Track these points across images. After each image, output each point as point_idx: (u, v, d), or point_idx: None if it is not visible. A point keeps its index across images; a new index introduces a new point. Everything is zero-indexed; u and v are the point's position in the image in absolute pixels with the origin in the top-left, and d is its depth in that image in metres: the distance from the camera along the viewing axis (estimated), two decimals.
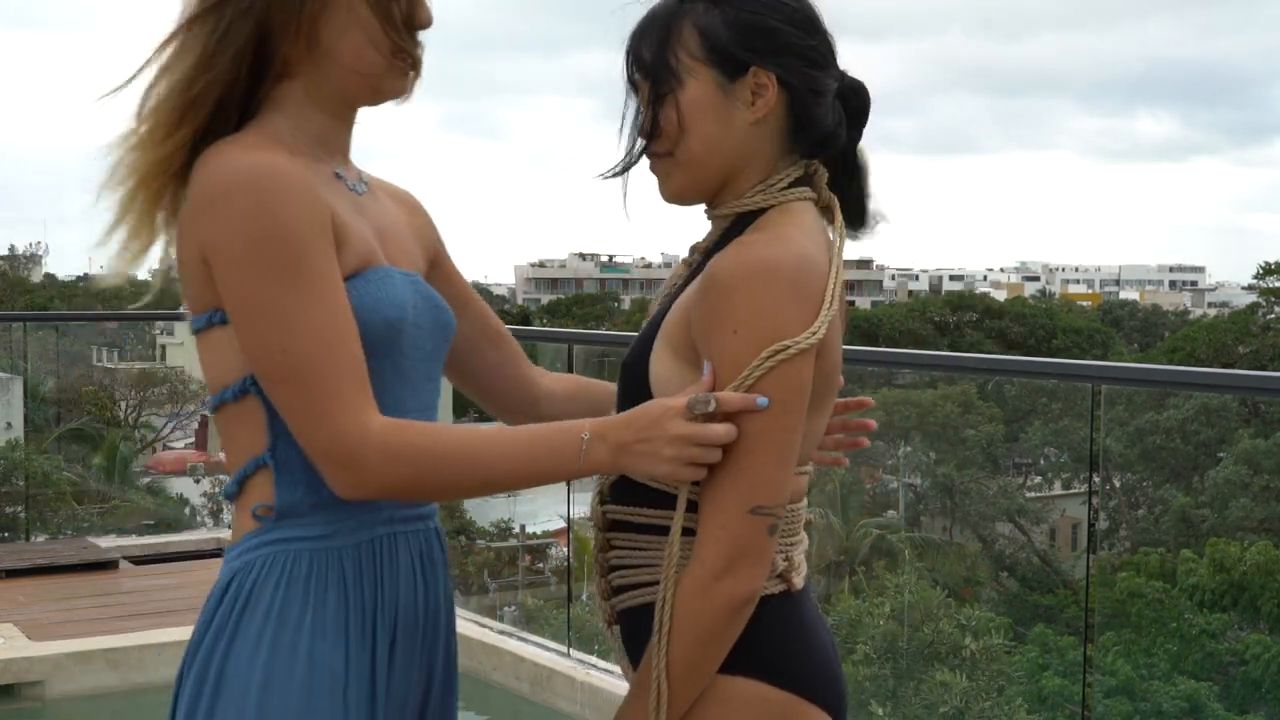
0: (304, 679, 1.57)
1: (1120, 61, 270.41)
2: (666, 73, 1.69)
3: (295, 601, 1.58)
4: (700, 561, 1.57)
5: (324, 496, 1.58)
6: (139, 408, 26.37)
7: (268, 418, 1.58)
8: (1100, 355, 35.61)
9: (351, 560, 1.62)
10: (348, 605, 1.61)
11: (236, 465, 1.62)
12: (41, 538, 9.57)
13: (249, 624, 1.58)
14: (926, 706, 9.65)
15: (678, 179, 1.72)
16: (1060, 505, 23.85)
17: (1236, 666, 15.32)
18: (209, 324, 1.58)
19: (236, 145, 1.55)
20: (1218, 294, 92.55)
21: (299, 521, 1.60)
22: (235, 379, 1.58)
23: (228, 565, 1.63)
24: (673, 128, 1.69)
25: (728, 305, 1.58)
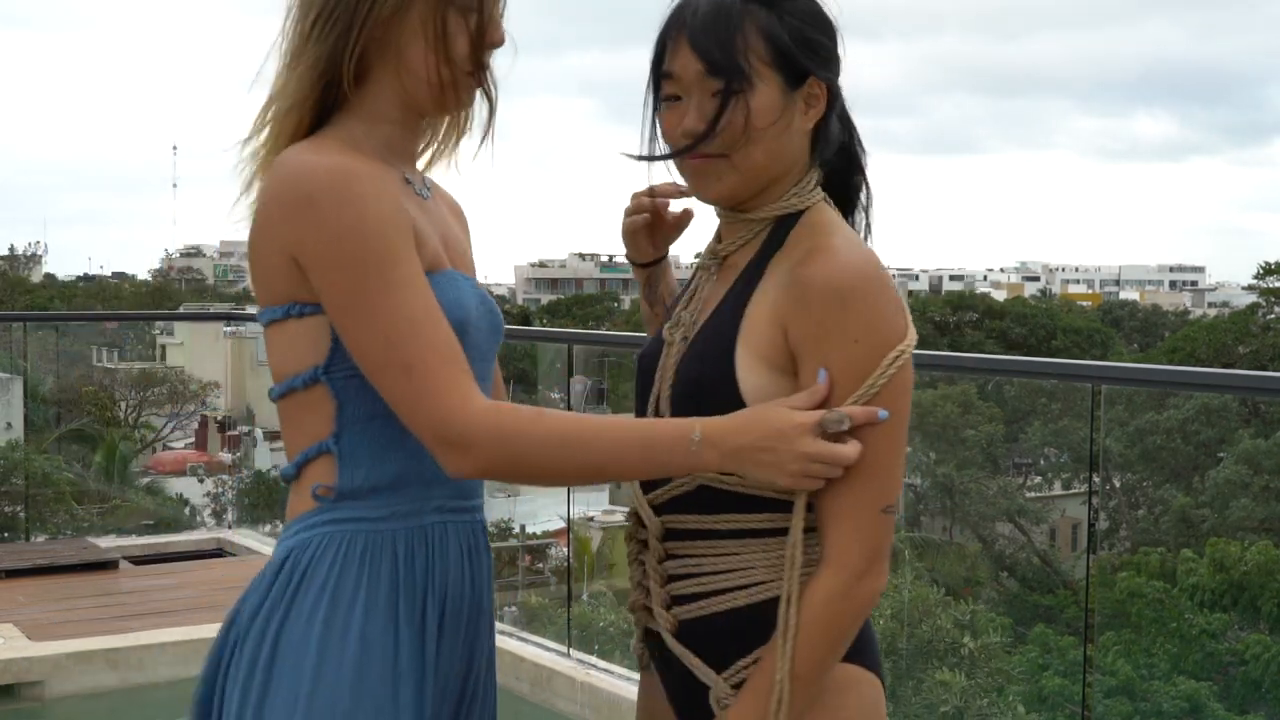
0: (356, 656, 1.64)
1: (1119, 62, 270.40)
2: (738, 73, 1.66)
3: (349, 579, 1.65)
4: (841, 564, 1.61)
5: (383, 481, 1.68)
6: (139, 408, 26.40)
7: (336, 406, 1.67)
8: (1100, 355, 35.60)
9: (404, 543, 1.69)
10: (398, 586, 1.67)
11: (298, 449, 1.70)
12: (41, 538, 9.57)
13: (304, 599, 1.64)
14: (926, 706, 9.65)
15: (730, 182, 1.70)
16: (1060, 505, 23.83)
17: (1236, 666, 15.32)
18: (286, 315, 1.66)
19: (315, 150, 1.63)
20: (1218, 294, 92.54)
21: (356, 503, 1.68)
22: (306, 368, 1.66)
23: (284, 543, 1.70)
24: (737, 131, 1.66)
25: (844, 314, 1.60)
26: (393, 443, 1.68)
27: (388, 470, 1.68)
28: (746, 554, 1.68)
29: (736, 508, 1.68)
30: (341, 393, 1.66)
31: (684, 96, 1.70)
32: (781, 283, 1.66)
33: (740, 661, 1.68)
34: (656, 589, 1.73)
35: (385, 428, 1.67)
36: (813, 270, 1.63)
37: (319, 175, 1.59)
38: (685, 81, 1.69)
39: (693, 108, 1.68)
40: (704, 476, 1.68)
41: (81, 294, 47.71)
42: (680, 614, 1.71)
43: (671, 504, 1.72)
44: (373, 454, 1.67)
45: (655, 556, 1.73)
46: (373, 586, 1.66)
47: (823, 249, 1.66)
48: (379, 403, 1.64)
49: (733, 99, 1.66)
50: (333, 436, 1.67)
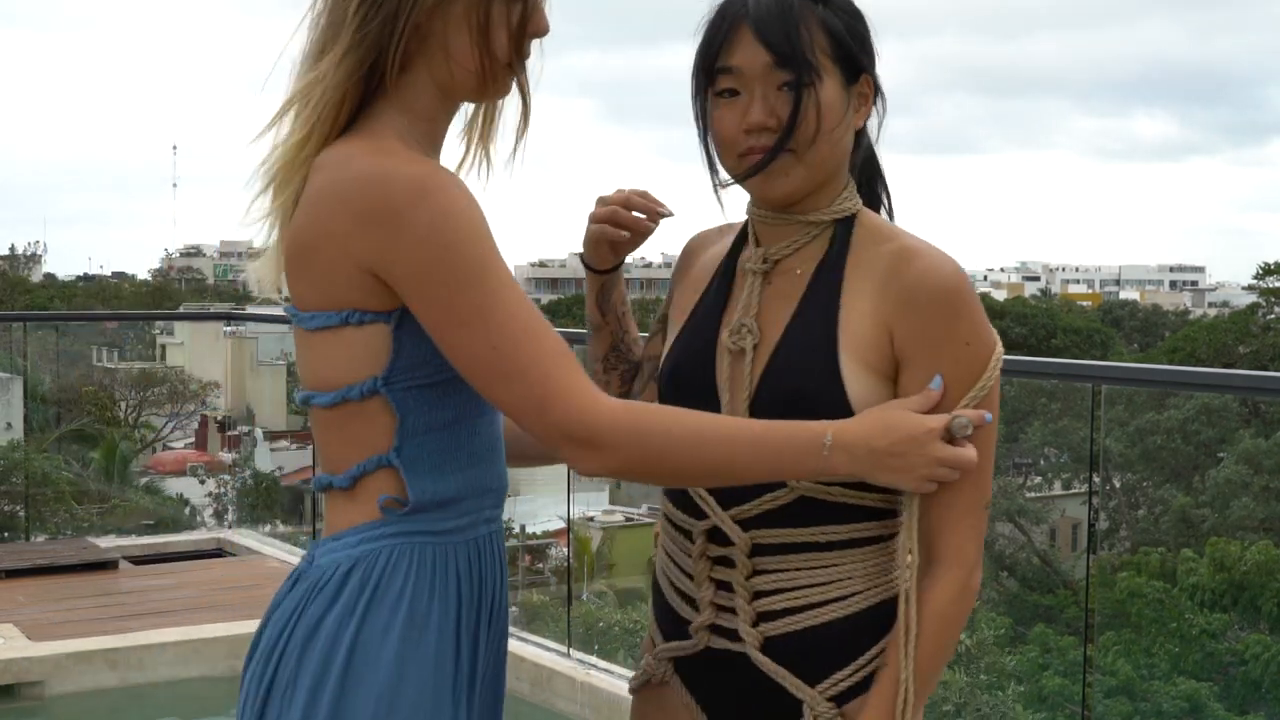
0: (432, 672, 1.62)
1: (1118, 62, 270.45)
2: (808, 66, 1.64)
3: (424, 594, 1.63)
4: (960, 562, 1.64)
5: (446, 494, 1.65)
6: (139, 408, 26.39)
7: (399, 418, 1.62)
8: (1100, 355, 35.57)
9: (465, 556, 1.67)
10: (462, 601, 1.66)
11: (351, 460, 1.64)
12: (41, 538, 9.57)
13: (378, 610, 1.60)
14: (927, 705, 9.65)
15: (798, 178, 1.67)
16: (1060, 505, 23.81)
17: (1236, 666, 15.31)
18: (343, 323, 1.60)
19: (384, 153, 1.57)
20: (1218, 294, 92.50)
21: (425, 516, 1.64)
22: (363, 378, 1.61)
23: (343, 552, 1.64)
24: (810, 125, 1.64)
25: (955, 317, 1.62)
26: (453, 455, 1.65)
27: (450, 483, 1.65)
28: (845, 565, 1.67)
29: (835, 519, 1.66)
30: (402, 405, 1.61)
31: (743, 91, 1.66)
32: (877, 284, 1.65)
33: (838, 674, 1.67)
34: (744, 606, 1.69)
35: (445, 440, 1.64)
36: (917, 273, 1.63)
37: (402, 185, 1.53)
38: (749, 75, 1.65)
39: (757, 101, 1.65)
40: (803, 487, 1.65)
41: (81, 294, 47.69)
42: (767, 630, 1.69)
43: (762, 519, 1.68)
44: (434, 467, 1.64)
45: (743, 573, 1.69)
46: (444, 601, 1.64)
47: (915, 252, 1.66)
48: (438, 414, 1.62)
49: (806, 92, 1.63)
50: (394, 450, 1.62)
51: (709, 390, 1.72)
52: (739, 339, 1.71)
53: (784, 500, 1.67)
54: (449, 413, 1.64)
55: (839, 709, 1.67)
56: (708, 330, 1.76)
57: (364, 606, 1.60)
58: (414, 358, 1.60)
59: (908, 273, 1.64)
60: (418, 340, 1.59)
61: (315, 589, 1.63)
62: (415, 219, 1.52)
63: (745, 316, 1.72)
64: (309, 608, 1.62)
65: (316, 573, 1.64)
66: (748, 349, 1.70)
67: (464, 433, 1.66)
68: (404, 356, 1.60)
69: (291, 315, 1.66)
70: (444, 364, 1.59)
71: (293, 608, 1.64)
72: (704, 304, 1.80)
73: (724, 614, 1.71)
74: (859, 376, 1.64)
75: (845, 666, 1.67)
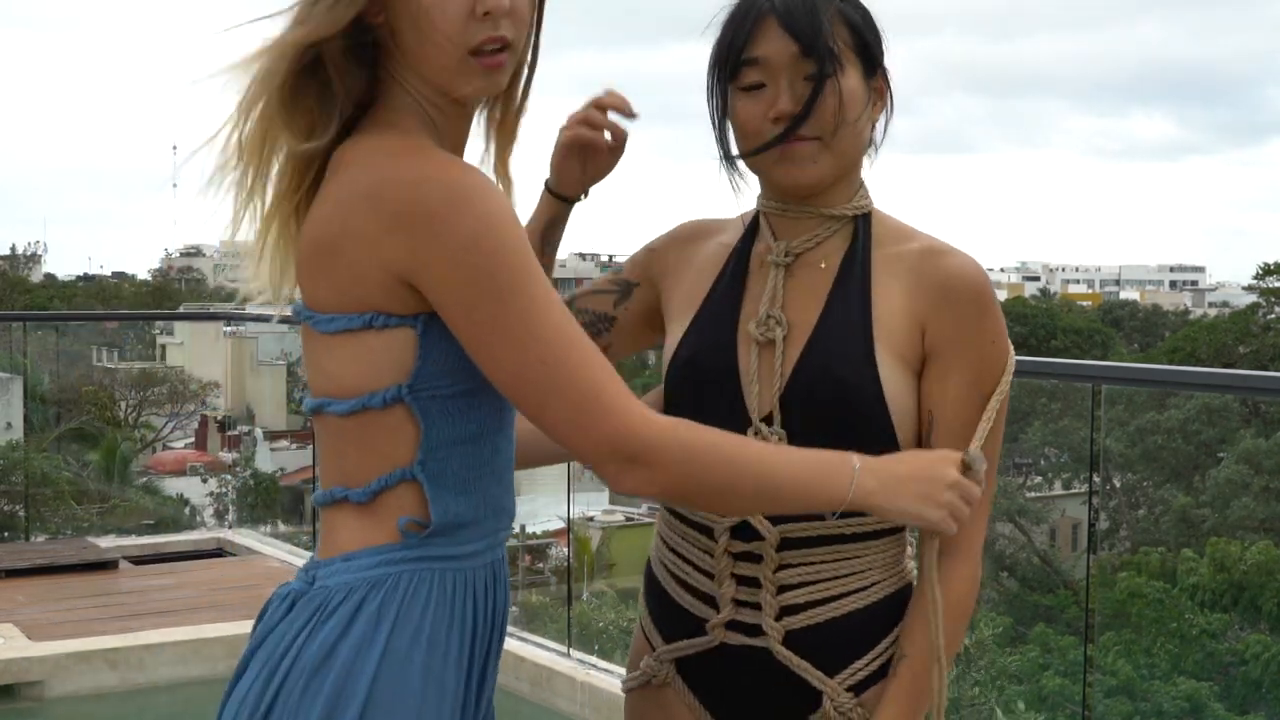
0: (451, 707, 1.54)
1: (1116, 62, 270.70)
2: (832, 55, 1.65)
3: (443, 624, 1.54)
4: (972, 553, 1.72)
5: (467, 515, 1.56)
6: (139, 408, 26.39)
7: (423, 429, 1.52)
8: (1100, 355, 35.57)
9: (480, 582, 1.59)
10: (476, 630, 1.58)
11: (372, 473, 1.54)
12: (41, 537, 9.57)
13: (398, 640, 1.51)
14: None
15: (824, 166, 1.68)
16: (1060, 505, 23.83)
17: (1237, 666, 15.31)
18: (366, 326, 1.50)
19: (414, 152, 1.49)
20: (1218, 294, 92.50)
21: (445, 540, 1.55)
22: (384, 385, 1.51)
23: (359, 574, 1.53)
24: (832, 113, 1.66)
25: (983, 316, 1.67)
26: (476, 471, 1.57)
27: (472, 502, 1.56)
28: (867, 556, 1.71)
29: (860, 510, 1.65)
30: (426, 415, 1.52)
31: (769, 83, 1.67)
32: (909, 280, 1.68)
33: (857, 664, 1.69)
34: (770, 600, 1.70)
35: (469, 455, 1.55)
36: (949, 271, 1.67)
37: (441, 189, 1.45)
38: (775, 66, 1.66)
39: (784, 91, 1.66)
40: None
41: (81, 294, 47.69)
42: (790, 624, 1.70)
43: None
44: (458, 483, 1.55)
45: (770, 567, 1.70)
46: (462, 631, 1.56)
47: (943, 251, 1.70)
48: (463, 427, 1.54)
49: (828, 81, 1.65)
50: (418, 463, 1.52)
51: (730, 381, 1.71)
52: (767, 330, 1.70)
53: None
54: (474, 426, 1.55)
55: (858, 698, 1.69)
56: (726, 321, 1.75)
57: (385, 636, 1.50)
58: (440, 365, 1.51)
59: (940, 270, 1.67)
60: (445, 347, 1.50)
61: (323, 612, 1.52)
62: (455, 226, 1.44)
63: (773, 308, 1.71)
64: (317, 633, 1.51)
65: (322, 594, 1.53)
66: (778, 339, 1.69)
67: (487, 449, 1.57)
68: (430, 363, 1.51)
69: (304, 316, 1.55)
70: (470, 373, 1.51)
71: (295, 631, 1.52)
72: (718, 294, 1.78)
73: (744, 609, 1.72)
74: (893, 367, 1.66)
75: (863, 656, 1.70)
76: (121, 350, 29.39)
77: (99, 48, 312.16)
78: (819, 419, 1.65)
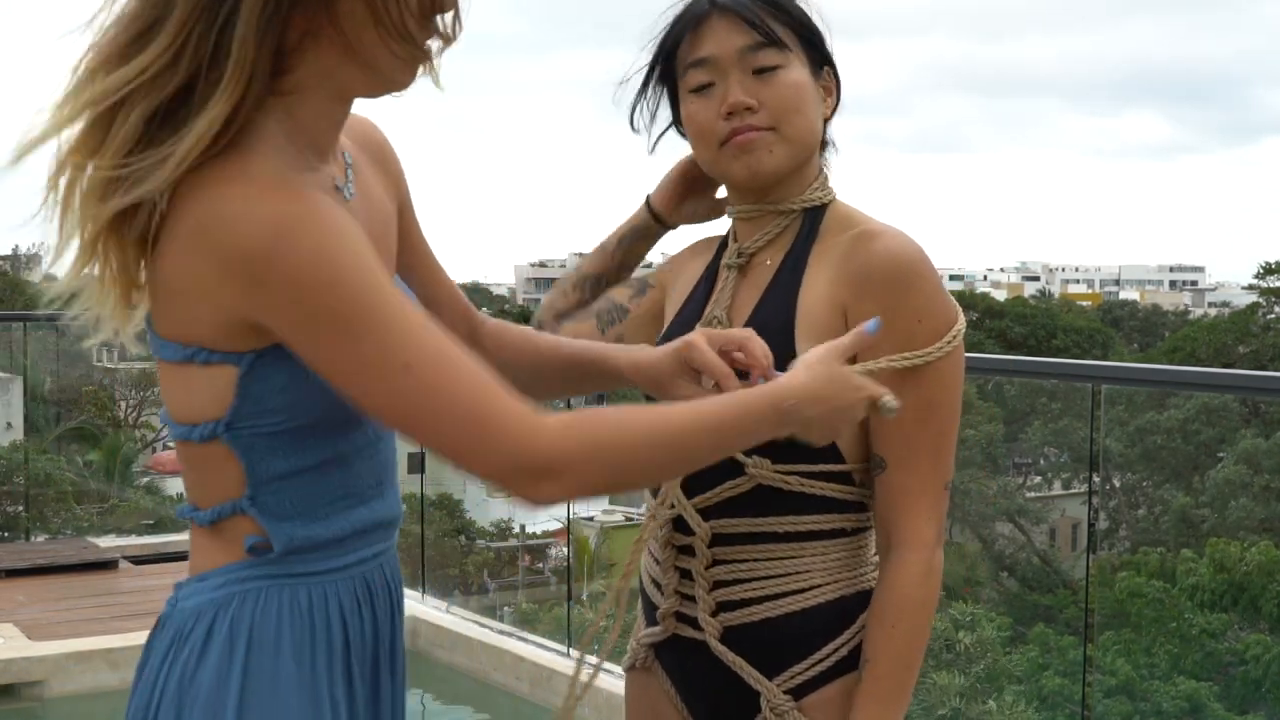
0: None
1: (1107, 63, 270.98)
2: (780, 45, 1.68)
3: (305, 638, 1.47)
4: (920, 543, 1.64)
5: (321, 537, 1.49)
6: (139, 408, 26.40)
7: (246, 467, 1.45)
8: (1100, 355, 35.58)
9: (349, 594, 1.51)
10: (349, 644, 1.50)
11: (208, 500, 1.48)
12: (41, 537, 9.57)
13: (259, 662, 1.44)
14: (924, 709, 9.64)
15: (781, 155, 1.70)
16: (1060, 505, 23.83)
17: (1236, 666, 15.31)
18: (189, 360, 1.43)
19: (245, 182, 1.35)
20: (1218, 294, 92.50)
21: (299, 558, 1.48)
22: (202, 420, 1.45)
23: (207, 595, 1.47)
24: (785, 99, 1.68)
25: (908, 294, 1.62)
26: (323, 499, 1.48)
27: (325, 527, 1.48)
28: (804, 557, 1.68)
29: (794, 509, 1.67)
30: (247, 453, 1.44)
31: (718, 81, 1.69)
32: (835, 268, 1.67)
33: (796, 667, 1.68)
34: (704, 595, 1.70)
35: (311, 485, 1.47)
36: (873, 252, 1.64)
37: (259, 227, 1.32)
38: (723, 63, 1.69)
39: (734, 84, 1.68)
40: (761, 475, 1.67)
41: None
42: (727, 620, 1.70)
43: (721, 508, 1.70)
44: (301, 513, 1.46)
45: (703, 562, 1.70)
46: (330, 645, 1.48)
47: (874, 233, 1.67)
48: (295, 460, 1.45)
49: (775, 71, 1.68)
50: (247, 498, 1.45)
51: None
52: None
53: (743, 488, 1.68)
54: (311, 458, 1.46)
55: (796, 702, 1.67)
56: (690, 326, 1.78)
57: (243, 659, 1.43)
58: (261, 405, 1.42)
59: (862, 253, 1.65)
60: (267, 387, 1.41)
61: (180, 639, 1.46)
62: (284, 265, 1.32)
63: (716, 309, 1.75)
64: (175, 662, 1.45)
65: (179, 618, 1.47)
66: None
67: (336, 475, 1.48)
68: (250, 402, 1.42)
69: (148, 334, 1.48)
70: (297, 410, 1.42)
71: (159, 661, 1.46)
72: (689, 303, 1.84)
73: (687, 602, 1.74)
74: None
75: (803, 660, 1.68)
76: (122, 350, 29.38)
77: None
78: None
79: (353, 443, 1.49)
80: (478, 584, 20.32)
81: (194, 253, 1.35)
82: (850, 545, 1.70)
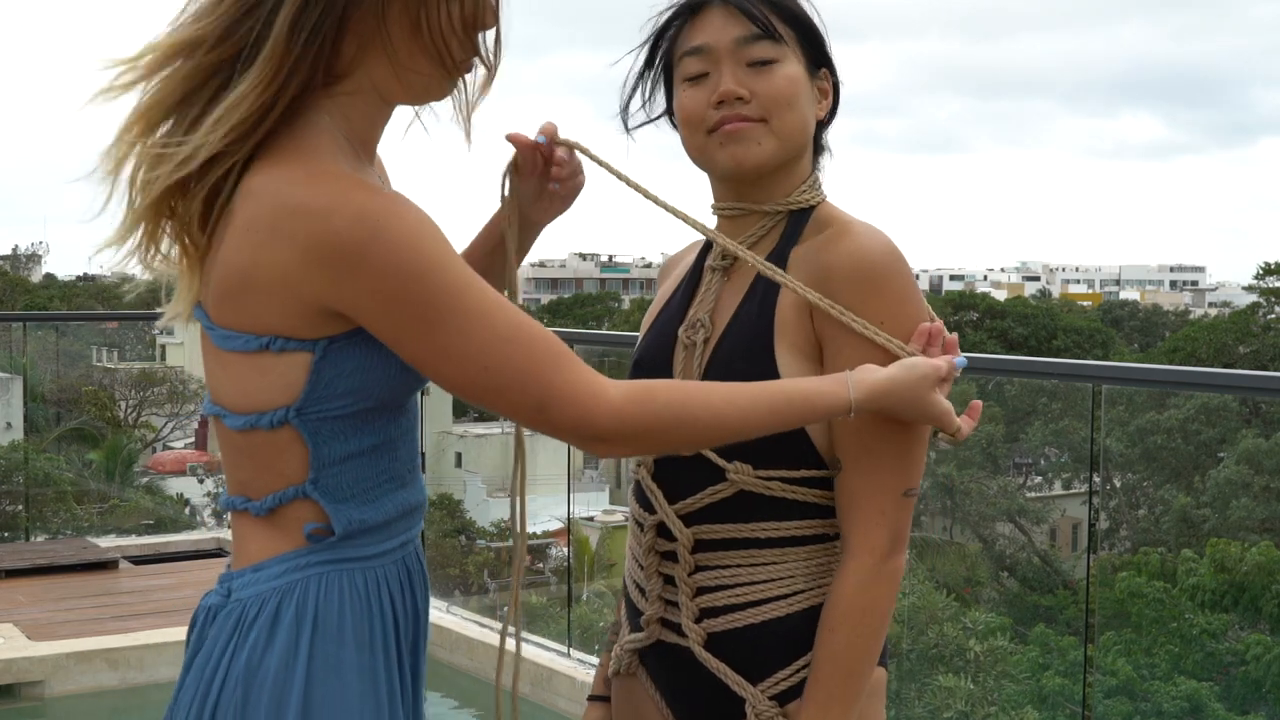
0: (387, 702, 1.55)
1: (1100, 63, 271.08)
2: (777, 36, 1.68)
3: (364, 621, 1.55)
4: (867, 549, 1.62)
5: (373, 520, 1.57)
6: (139, 408, 26.40)
7: (312, 451, 1.52)
8: (1100, 355, 35.57)
9: (395, 577, 1.60)
10: (398, 624, 1.60)
11: (267, 489, 1.55)
12: (41, 537, 9.57)
13: (324, 646, 1.51)
14: (930, 710, 9.64)
15: (769, 148, 1.69)
16: (1060, 505, 23.82)
17: (1237, 667, 15.31)
18: (263, 348, 1.49)
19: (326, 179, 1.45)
20: (1218, 294, 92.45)
21: (355, 543, 1.56)
22: (273, 407, 1.51)
23: (269, 584, 1.54)
24: (777, 92, 1.68)
25: (871, 295, 1.61)
26: (376, 481, 1.57)
27: (377, 510, 1.58)
28: (786, 563, 1.67)
29: (776, 515, 1.66)
30: (314, 436, 1.52)
31: (712, 71, 1.69)
32: (806, 270, 1.66)
33: (780, 673, 1.67)
34: (687, 602, 1.70)
35: (366, 467, 1.56)
36: (836, 253, 1.64)
37: (351, 220, 1.42)
38: (718, 52, 1.69)
39: (726, 74, 1.68)
40: (743, 481, 1.66)
41: (82, 294, 47.67)
42: (710, 627, 1.69)
43: (703, 513, 1.69)
44: (358, 494, 1.55)
45: (685, 569, 1.70)
46: (385, 626, 1.57)
47: (843, 233, 1.66)
48: (356, 443, 1.54)
49: (771, 64, 1.68)
50: (310, 482, 1.53)
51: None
52: (692, 334, 1.74)
53: (725, 494, 1.68)
54: (369, 440, 1.56)
55: (781, 708, 1.67)
56: (670, 326, 1.79)
57: (309, 643, 1.51)
58: (332, 389, 1.51)
59: (828, 253, 1.65)
60: (338, 371, 1.50)
61: (244, 625, 1.52)
62: (373, 256, 1.42)
63: (700, 312, 1.75)
64: (241, 647, 1.51)
65: (239, 608, 1.54)
66: (698, 343, 1.73)
67: (385, 458, 1.58)
68: (321, 387, 1.50)
69: (204, 324, 1.55)
70: (364, 394, 1.52)
71: (221, 647, 1.53)
72: (671, 303, 1.83)
73: (671, 609, 1.73)
74: (791, 361, 1.65)
75: (787, 666, 1.67)
76: (121, 350, 29.38)
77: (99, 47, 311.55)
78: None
79: (400, 426, 1.59)
80: (478, 584, 20.31)
81: (274, 244, 1.44)
82: (833, 550, 1.70)
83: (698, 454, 1.68)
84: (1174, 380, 6.21)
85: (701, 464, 1.68)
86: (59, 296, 44.78)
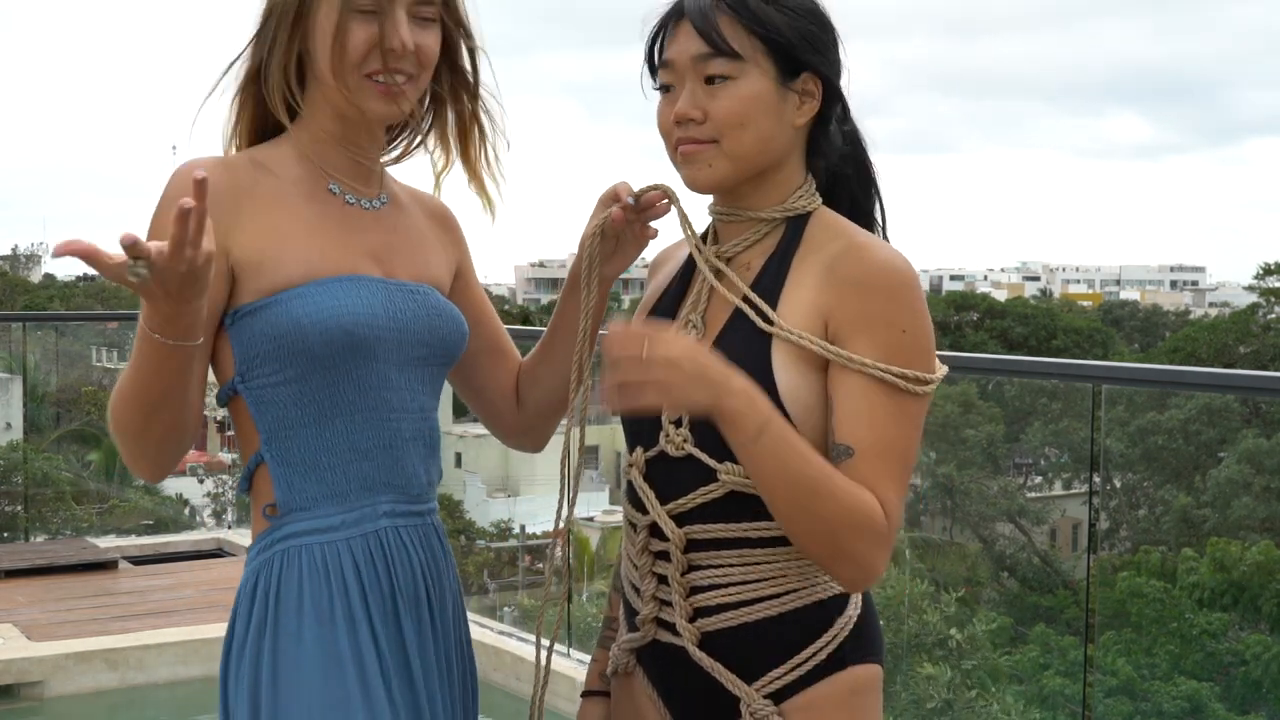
0: (354, 670, 1.64)
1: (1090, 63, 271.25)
2: (731, 56, 1.66)
3: (322, 592, 1.65)
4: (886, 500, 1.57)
5: (321, 491, 1.67)
6: None
7: (257, 418, 1.67)
8: (1101, 355, 35.57)
9: (361, 550, 1.68)
10: (365, 593, 1.67)
11: (244, 457, 1.72)
12: (41, 538, 9.57)
13: (286, 620, 1.65)
14: (914, 701, 9.63)
15: (721, 170, 1.69)
16: (1060, 505, 23.82)
17: (1237, 666, 15.31)
18: (220, 325, 1.68)
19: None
20: (1218, 294, 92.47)
21: (305, 515, 1.67)
22: (226, 379, 1.69)
23: (250, 565, 1.71)
24: (727, 115, 1.66)
25: (893, 304, 1.61)
26: (326, 451, 1.68)
27: (324, 480, 1.68)
28: (778, 562, 1.67)
29: (767, 514, 1.65)
30: (258, 404, 1.67)
31: (676, 85, 1.70)
32: (820, 277, 1.65)
33: (775, 671, 1.67)
34: (680, 602, 1.70)
35: (313, 436, 1.67)
36: (863, 262, 1.63)
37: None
38: (679, 68, 1.69)
39: (685, 94, 1.68)
40: (734, 482, 1.65)
41: (81, 294, 47.67)
42: (704, 626, 1.69)
43: (695, 514, 1.69)
44: (304, 464, 1.67)
45: (678, 569, 1.70)
46: (345, 595, 1.66)
47: (864, 245, 1.66)
48: (299, 411, 1.66)
49: (723, 83, 1.66)
50: (263, 445, 1.68)
51: None
52: (684, 333, 1.72)
53: (716, 495, 1.67)
54: (311, 410, 1.66)
55: (776, 706, 1.67)
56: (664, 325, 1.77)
57: (272, 618, 1.65)
58: (255, 354, 1.66)
59: (852, 262, 1.64)
60: (250, 337, 1.65)
61: (235, 608, 1.71)
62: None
63: (693, 312, 1.75)
64: (235, 630, 1.70)
65: (240, 586, 1.72)
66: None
67: (338, 428, 1.67)
68: (249, 357, 1.66)
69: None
70: (291, 359, 1.64)
71: (228, 631, 1.72)
72: (662, 302, 1.83)
73: (665, 608, 1.73)
74: (788, 368, 1.63)
75: (783, 664, 1.67)
76: (121, 350, 29.39)
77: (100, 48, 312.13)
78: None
79: (345, 396, 1.67)
80: (478, 584, 20.31)
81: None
82: None
83: (689, 455, 1.68)
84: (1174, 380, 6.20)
85: (693, 465, 1.68)
86: (58, 297, 44.78)
